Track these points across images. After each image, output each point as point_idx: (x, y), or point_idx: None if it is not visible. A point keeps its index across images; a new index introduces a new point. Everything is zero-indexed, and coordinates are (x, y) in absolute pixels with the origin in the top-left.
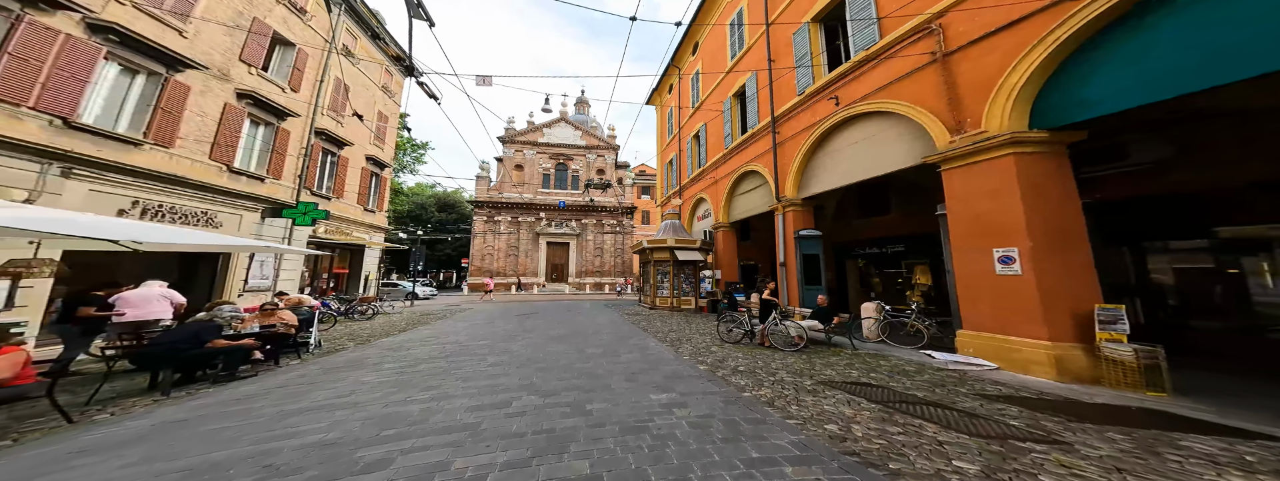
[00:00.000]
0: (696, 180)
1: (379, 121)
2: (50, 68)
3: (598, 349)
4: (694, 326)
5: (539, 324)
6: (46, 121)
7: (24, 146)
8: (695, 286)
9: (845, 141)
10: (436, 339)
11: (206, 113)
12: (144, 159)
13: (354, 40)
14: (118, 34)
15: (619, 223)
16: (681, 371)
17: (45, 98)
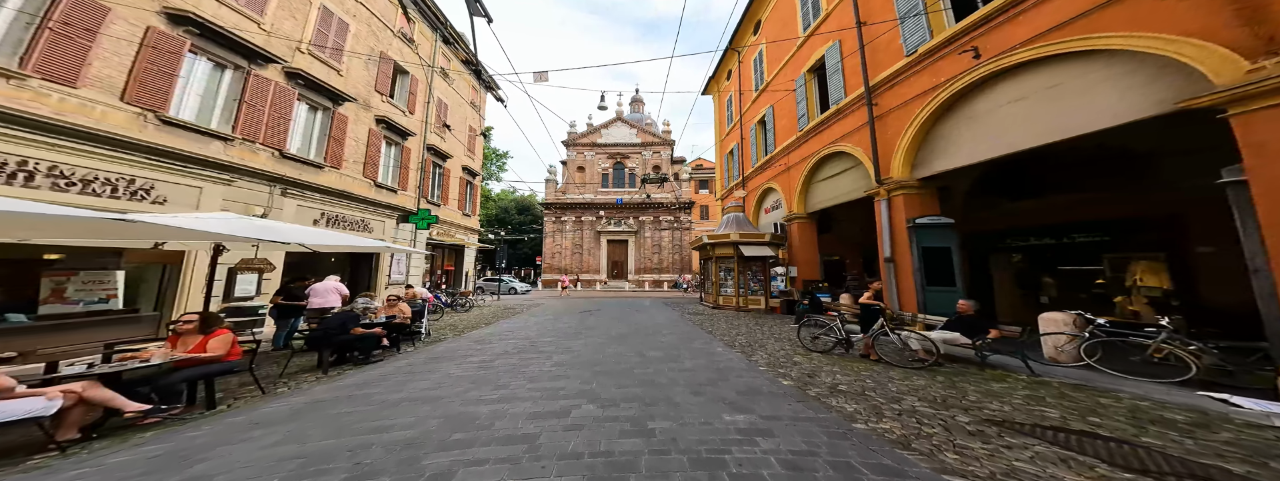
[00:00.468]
0: (763, 169)
1: (469, 134)
2: (268, 110)
3: (658, 352)
4: (766, 329)
5: (600, 322)
6: (270, 153)
7: (259, 173)
8: (765, 285)
9: (994, 101)
10: (513, 334)
11: (359, 138)
12: (325, 179)
13: (448, 62)
14: (304, 78)
15: (676, 218)
16: (759, 386)
17: (267, 134)
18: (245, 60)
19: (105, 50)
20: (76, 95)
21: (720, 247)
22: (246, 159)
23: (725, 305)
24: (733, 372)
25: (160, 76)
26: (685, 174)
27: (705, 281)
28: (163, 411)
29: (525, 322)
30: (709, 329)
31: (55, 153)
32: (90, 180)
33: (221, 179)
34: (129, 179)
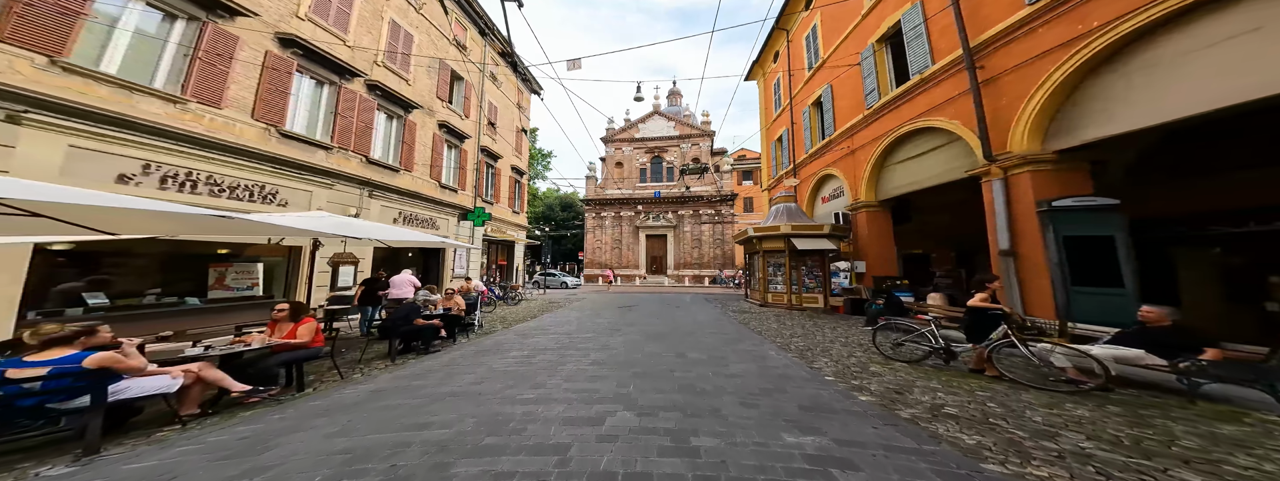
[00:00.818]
0: (819, 155)
1: (516, 135)
2: (356, 120)
3: (701, 354)
4: (828, 332)
5: (638, 318)
6: (359, 159)
7: (351, 177)
8: (824, 281)
9: (1194, 39)
10: (554, 328)
11: (425, 143)
12: (401, 181)
13: (496, 66)
14: (381, 89)
15: (717, 212)
16: (826, 400)
17: (355, 142)
18: (336, 76)
19: (238, 74)
20: (221, 115)
21: (768, 241)
22: (341, 165)
23: (775, 303)
24: (791, 381)
25: (278, 95)
26: (727, 165)
27: (751, 277)
28: (261, 392)
29: (566, 317)
30: (758, 329)
31: (210, 164)
32: (234, 186)
33: (324, 183)
34: (260, 185)
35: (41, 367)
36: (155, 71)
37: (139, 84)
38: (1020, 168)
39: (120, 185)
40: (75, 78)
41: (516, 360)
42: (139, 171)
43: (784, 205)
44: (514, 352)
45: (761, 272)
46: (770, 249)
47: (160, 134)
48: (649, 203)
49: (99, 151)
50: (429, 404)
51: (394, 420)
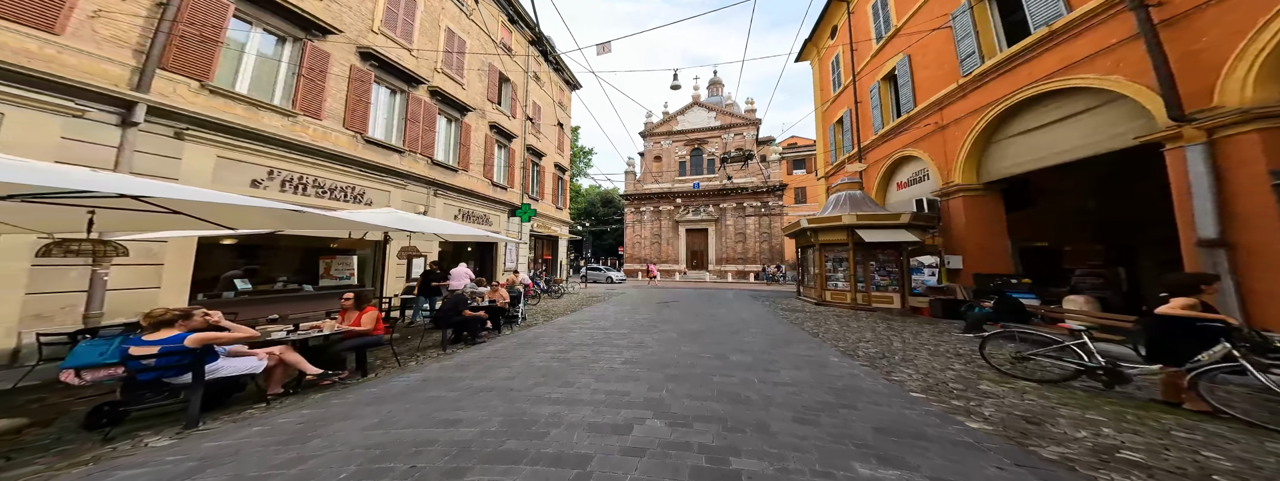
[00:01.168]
0: (893, 134)
1: (558, 133)
2: (422, 125)
3: (744, 355)
4: (908, 337)
5: (676, 315)
6: (426, 161)
7: (420, 178)
8: (901, 278)
9: None
10: (591, 323)
11: (478, 143)
12: (459, 180)
13: (539, 65)
14: (441, 94)
15: (763, 203)
16: (914, 422)
17: (422, 145)
18: (406, 84)
19: (331, 88)
20: (321, 125)
21: (826, 232)
22: (412, 167)
23: (835, 301)
24: (861, 395)
25: (361, 104)
26: (774, 154)
27: (804, 272)
28: (331, 375)
29: (604, 311)
30: (813, 330)
31: (315, 169)
32: (333, 188)
33: (399, 184)
34: (351, 186)
35: (153, 346)
36: (274, 89)
37: (263, 101)
38: (1240, 126)
39: (253, 189)
40: (218, 98)
41: (551, 355)
42: (266, 177)
43: (847, 193)
44: (550, 347)
45: (817, 268)
46: (829, 241)
47: (279, 144)
48: (688, 196)
49: (238, 160)
50: (464, 398)
51: (428, 414)
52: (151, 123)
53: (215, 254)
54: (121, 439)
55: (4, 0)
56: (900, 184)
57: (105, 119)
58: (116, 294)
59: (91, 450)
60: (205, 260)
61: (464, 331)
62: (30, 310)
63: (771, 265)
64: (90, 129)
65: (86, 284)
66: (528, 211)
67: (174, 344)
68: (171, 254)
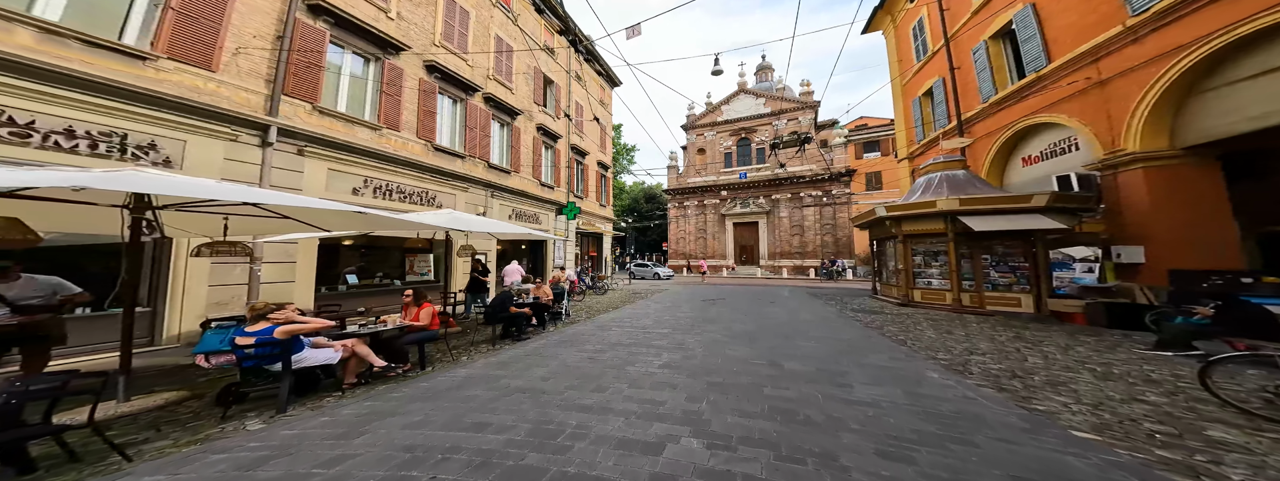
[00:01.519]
0: (1014, 99)
1: (600, 131)
2: (478, 131)
3: (803, 364)
4: (1054, 352)
5: (722, 313)
6: (484, 165)
7: (479, 181)
8: (1036, 276)
9: None
10: (632, 321)
11: (527, 145)
12: (511, 182)
13: (580, 66)
14: (494, 100)
15: (826, 192)
16: (1090, 476)
17: (479, 149)
18: (464, 92)
19: (404, 101)
20: (400, 136)
21: (914, 221)
22: (471, 171)
23: (928, 302)
24: (981, 427)
25: (429, 115)
26: (838, 138)
27: (881, 268)
28: (393, 368)
29: (646, 309)
30: (897, 336)
31: (397, 176)
32: (411, 193)
33: (462, 187)
34: (425, 190)
35: (252, 337)
36: (364, 106)
37: (356, 117)
38: None
39: (354, 195)
40: (325, 117)
41: (588, 355)
42: (362, 185)
43: (944, 174)
44: (589, 346)
45: (902, 262)
46: (917, 232)
47: (369, 154)
48: (736, 188)
49: (342, 171)
50: (498, 399)
51: (462, 416)
52: (282, 142)
53: (332, 253)
54: (236, 417)
55: (179, 46)
56: (1028, 158)
57: (250, 140)
58: (267, 286)
59: (210, 427)
60: (326, 259)
61: (512, 327)
62: (212, 299)
63: (831, 260)
64: (242, 150)
65: (247, 278)
66: (573, 209)
67: (266, 335)
68: (301, 254)
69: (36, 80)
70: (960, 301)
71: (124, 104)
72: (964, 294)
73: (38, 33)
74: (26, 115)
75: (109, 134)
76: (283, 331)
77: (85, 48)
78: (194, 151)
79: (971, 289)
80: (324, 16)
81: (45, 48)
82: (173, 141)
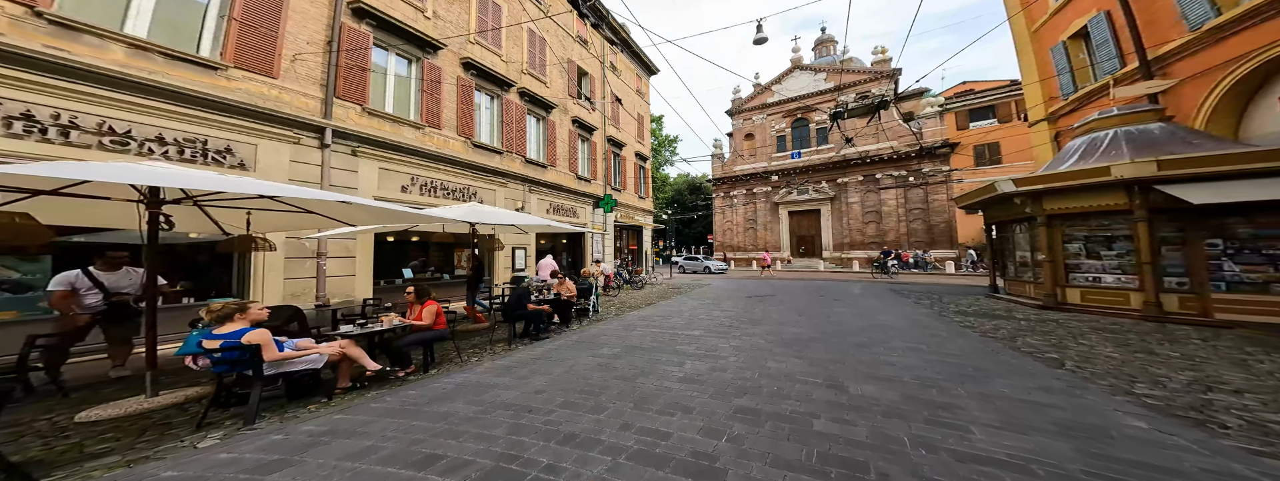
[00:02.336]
0: (1255, 19)
1: (637, 121)
2: (515, 126)
3: (883, 388)
4: None
5: (771, 312)
6: (521, 160)
7: (517, 175)
8: None
9: None
10: (662, 320)
11: (563, 139)
12: (548, 176)
13: (614, 55)
14: (528, 95)
15: (912, 171)
16: None
17: (515, 145)
18: (500, 88)
19: (444, 99)
20: (440, 134)
21: (1067, 197)
22: (509, 166)
23: (1094, 305)
24: None
25: (467, 111)
26: (932, 107)
27: (1005, 259)
28: (390, 372)
29: (681, 306)
30: (1046, 352)
31: (439, 173)
32: (453, 189)
33: (501, 182)
34: (465, 186)
35: (218, 340)
36: (408, 107)
37: (402, 117)
38: None
39: (402, 194)
40: (374, 118)
41: (601, 361)
42: (409, 182)
43: (1121, 130)
44: (607, 349)
45: (1048, 251)
46: (1072, 210)
47: (414, 153)
48: (792, 173)
49: (391, 170)
50: (476, 417)
51: (418, 443)
52: (337, 143)
53: (391, 249)
54: (215, 425)
55: (243, 55)
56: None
57: (310, 143)
58: (333, 280)
59: (176, 439)
60: (387, 254)
61: (532, 325)
62: (288, 291)
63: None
64: (305, 152)
65: (315, 272)
66: (610, 202)
67: (234, 338)
68: (360, 250)
69: (129, 92)
70: (1160, 305)
71: (202, 111)
72: (1169, 295)
73: (128, 48)
74: (124, 124)
75: (192, 140)
76: (250, 336)
77: (168, 61)
78: (264, 155)
79: (1185, 288)
80: (367, 19)
81: (135, 62)
82: (246, 146)
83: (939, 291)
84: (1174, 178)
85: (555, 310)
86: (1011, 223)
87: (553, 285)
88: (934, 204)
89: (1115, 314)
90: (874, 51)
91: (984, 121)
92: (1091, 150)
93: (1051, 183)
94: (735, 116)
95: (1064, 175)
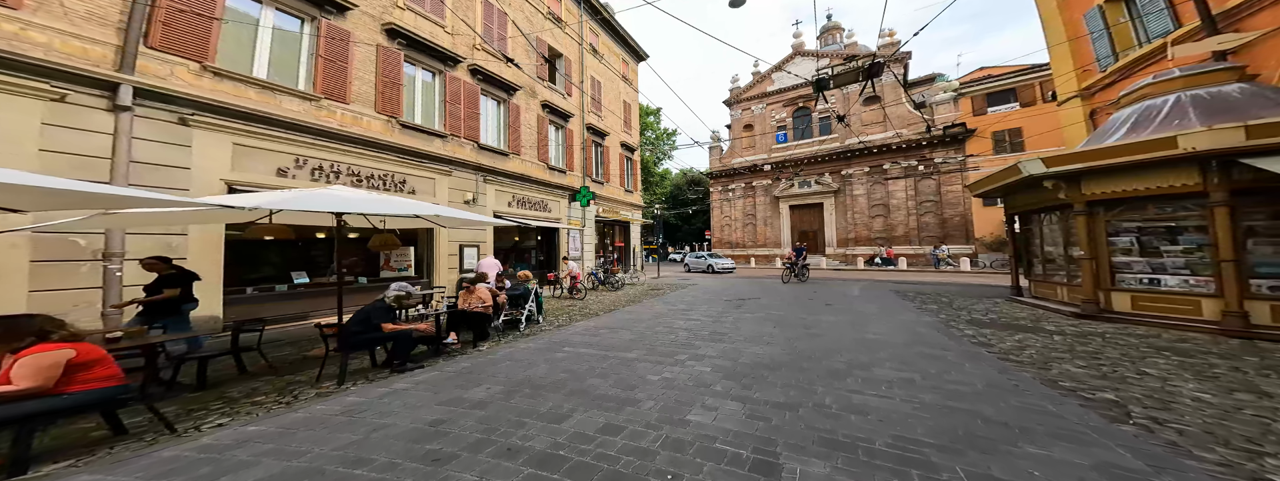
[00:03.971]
0: None
1: (624, 110)
2: (464, 107)
3: (850, 464)
4: None
5: (743, 323)
6: (472, 146)
7: (465, 163)
8: None
9: None
10: (609, 334)
11: (530, 124)
12: (510, 165)
13: (595, 37)
14: (482, 73)
15: (923, 160)
16: None
17: (466, 129)
18: (441, 64)
19: (357, 69)
20: (349, 109)
21: (1115, 177)
22: (456, 152)
23: (1151, 314)
24: None
25: (392, 87)
26: (946, 92)
27: (1028, 256)
28: None
29: (644, 313)
30: (1101, 389)
31: (346, 156)
32: (369, 176)
33: (443, 170)
34: (390, 174)
35: None
36: (297, 73)
37: (279, 84)
38: None
39: (280, 177)
40: (226, 81)
41: (506, 388)
42: (293, 165)
43: (1187, 94)
44: (479, 391)
45: (1089, 247)
46: (1117, 194)
47: (302, 130)
48: (793, 165)
49: (258, 148)
50: None
51: None
52: (149, 107)
53: (265, 249)
54: None
55: None
56: None
57: (89, 102)
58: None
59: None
60: (259, 255)
61: (397, 354)
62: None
63: (941, 247)
64: (75, 114)
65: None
66: (587, 194)
67: None
68: (195, 249)
69: None
70: (1245, 317)
71: None
72: (1258, 302)
73: None
74: None
75: None
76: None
77: None
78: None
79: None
80: None
81: None
82: None
83: (951, 293)
84: (1269, 148)
85: (451, 327)
86: (1039, 212)
87: (417, 294)
88: (947, 195)
89: (1181, 326)
90: (881, 34)
91: (1004, 106)
92: (1145, 120)
93: (1094, 160)
94: (733, 106)
95: (1112, 150)
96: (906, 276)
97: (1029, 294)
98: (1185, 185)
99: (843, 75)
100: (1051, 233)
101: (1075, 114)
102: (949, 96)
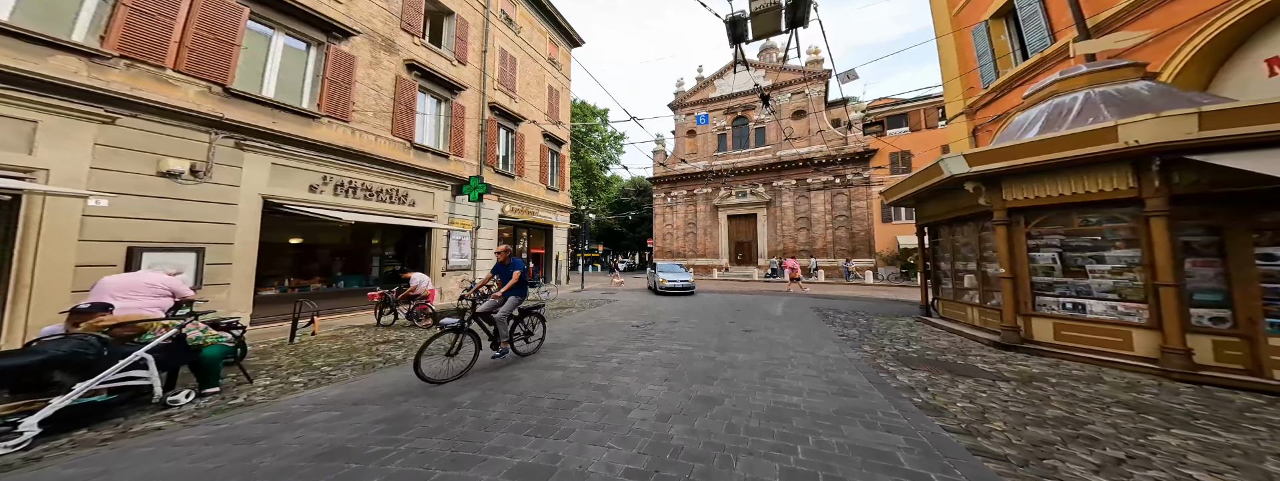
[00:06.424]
0: None
1: (550, 96)
2: (213, 31)
3: None
4: None
5: (624, 371)
6: (218, 90)
7: (191, 115)
8: None
9: None
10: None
11: (381, 86)
12: (320, 133)
13: (512, 6)
14: None
15: (839, 177)
16: None
17: (206, 64)
18: None
19: None
20: None
21: (1044, 178)
22: (169, 93)
23: (1075, 346)
24: None
25: None
26: (853, 112)
27: (935, 274)
28: None
29: None
30: None
31: None
32: None
33: (128, 113)
34: None
35: None
36: None
37: None
38: None
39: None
40: None
41: None
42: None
43: (1097, 91)
44: None
45: (1009, 264)
46: (1040, 201)
47: None
48: (728, 176)
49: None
50: None
51: None
52: None
53: None
54: None
55: None
56: None
57: None
58: None
59: None
60: None
61: None
62: None
63: (851, 260)
64: None
65: None
66: (477, 186)
67: None
68: None
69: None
70: (1190, 355)
71: None
72: (1199, 336)
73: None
74: None
75: None
76: None
77: None
78: None
79: (1225, 326)
80: None
81: None
82: None
83: (867, 310)
84: (1227, 142)
85: None
86: (951, 222)
87: None
88: (856, 211)
89: (1107, 361)
90: (809, 51)
91: (898, 129)
92: (1057, 118)
93: (1024, 156)
94: (678, 111)
95: (1045, 144)
96: (825, 289)
97: (937, 313)
98: (1116, 190)
99: (763, 15)
100: (964, 246)
101: (960, 130)
102: (859, 117)
